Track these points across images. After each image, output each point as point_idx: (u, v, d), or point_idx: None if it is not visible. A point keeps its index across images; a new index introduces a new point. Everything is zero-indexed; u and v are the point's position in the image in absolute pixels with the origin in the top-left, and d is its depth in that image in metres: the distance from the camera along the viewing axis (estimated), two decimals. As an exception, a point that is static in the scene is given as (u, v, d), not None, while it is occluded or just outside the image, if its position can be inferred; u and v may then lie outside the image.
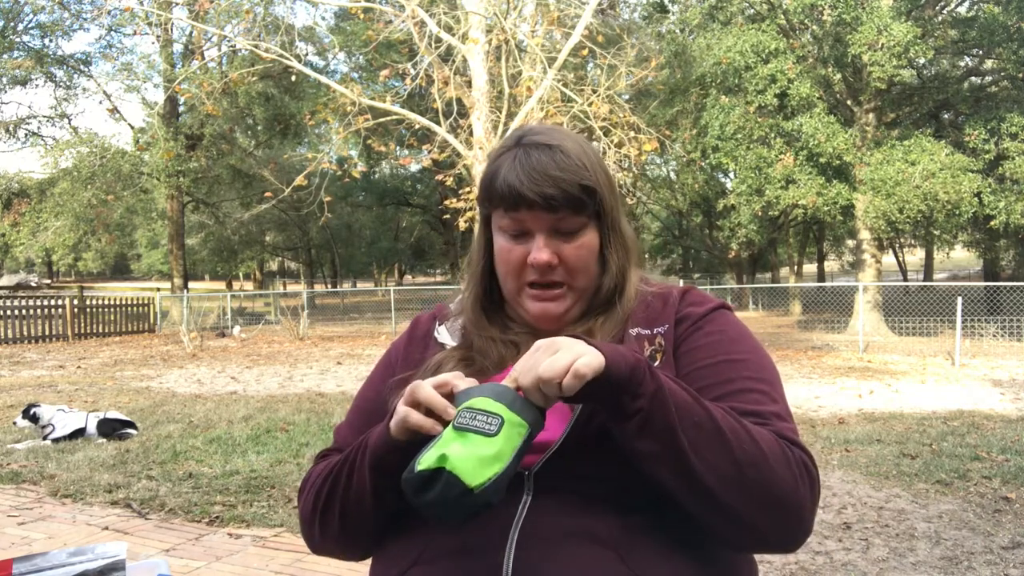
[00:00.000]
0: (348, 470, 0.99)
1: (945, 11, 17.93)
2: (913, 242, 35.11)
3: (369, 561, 1.07)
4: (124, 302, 20.08)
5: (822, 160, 15.70)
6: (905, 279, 36.91)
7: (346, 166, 16.45)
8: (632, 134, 11.03)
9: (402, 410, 0.89)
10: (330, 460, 1.06)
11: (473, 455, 0.80)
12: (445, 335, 1.14)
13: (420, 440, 0.87)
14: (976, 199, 15.02)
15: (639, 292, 1.10)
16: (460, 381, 0.89)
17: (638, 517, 0.92)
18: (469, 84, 10.90)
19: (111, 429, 5.73)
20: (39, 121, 24.26)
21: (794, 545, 0.94)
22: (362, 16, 13.24)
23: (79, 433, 5.65)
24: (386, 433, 0.93)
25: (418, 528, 0.98)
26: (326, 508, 1.02)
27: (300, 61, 11.96)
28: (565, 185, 1.00)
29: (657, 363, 1.01)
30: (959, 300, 11.79)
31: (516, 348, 1.08)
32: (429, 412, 0.88)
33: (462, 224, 11.23)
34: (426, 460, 0.81)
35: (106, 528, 3.73)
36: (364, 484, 0.96)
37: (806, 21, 16.61)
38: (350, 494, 0.98)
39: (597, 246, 1.07)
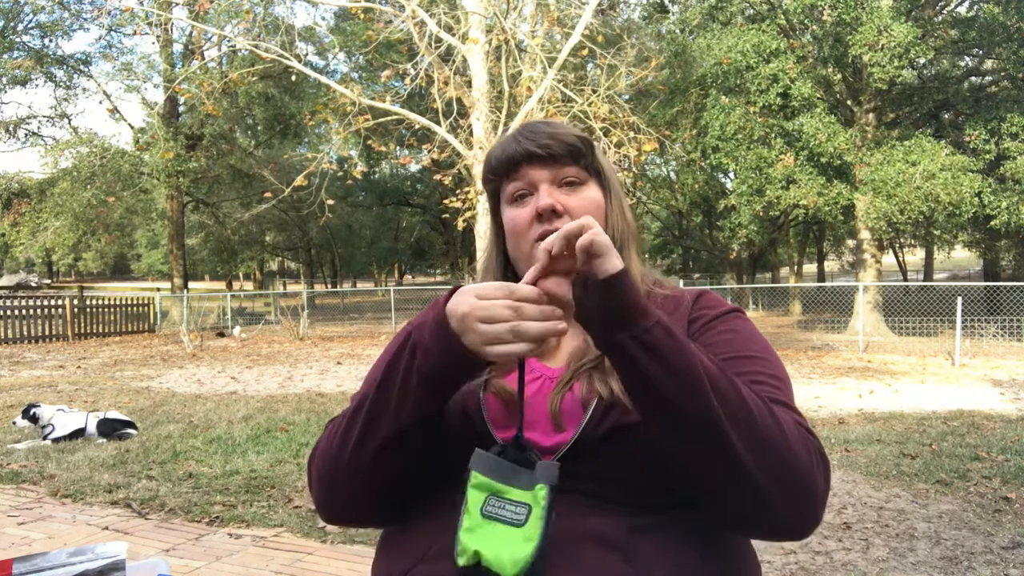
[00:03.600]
0: (396, 376, 0.92)
1: (945, 11, 17.93)
2: (913, 242, 35.11)
3: (371, 560, 1.07)
4: (124, 302, 20.08)
5: (823, 160, 15.70)
6: (905, 279, 36.92)
7: (346, 166, 16.42)
8: (632, 134, 11.02)
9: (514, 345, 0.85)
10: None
11: (505, 548, 0.83)
12: None
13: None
14: (977, 199, 15.02)
15: (652, 294, 1.09)
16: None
17: (647, 519, 0.92)
18: (469, 84, 10.89)
19: (111, 429, 5.73)
20: (39, 121, 24.30)
21: (805, 531, 0.93)
22: (362, 16, 13.22)
23: (79, 433, 5.65)
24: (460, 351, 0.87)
25: (422, 526, 0.98)
26: (365, 431, 0.95)
27: (300, 61, 11.94)
28: (560, 136, 1.05)
29: None
30: (959, 300, 11.79)
31: None
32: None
33: (460, 223, 11.22)
34: (464, 553, 0.84)
35: (106, 528, 3.73)
36: (409, 387, 0.91)
37: (806, 21, 16.61)
38: (391, 403, 0.92)
39: (602, 203, 1.08)
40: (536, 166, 1.04)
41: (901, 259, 38.27)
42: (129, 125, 24.57)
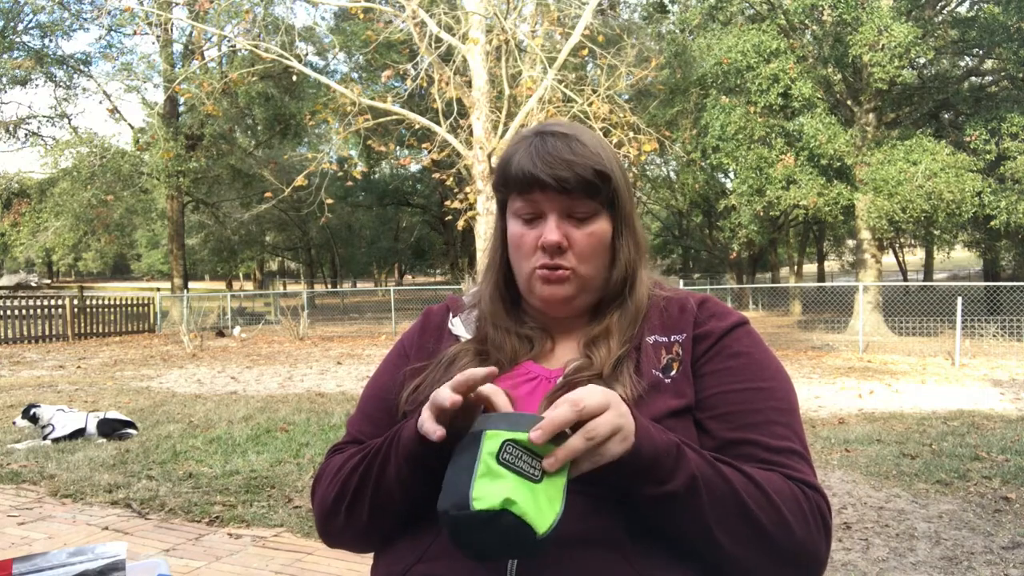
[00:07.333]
0: (381, 461, 0.97)
1: (945, 11, 17.92)
2: (913, 242, 35.13)
3: (370, 560, 1.07)
4: (124, 302, 20.08)
5: (823, 161, 15.70)
6: (905, 279, 36.92)
7: (346, 166, 16.41)
8: (632, 134, 11.01)
9: (424, 412, 0.87)
10: (348, 452, 1.05)
11: (534, 498, 0.76)
12: (460, 327, 1.13)
13: (450, 438, 0.84)
14: (977, 199, 15.03)
15: (653, 296, 1.09)
16: (480, 371, 0.86)
17: (647, 519, 0.92)
18: (469, 84, 10.89)
19: (111, 429, 5.73)
20: (39, 121, 24.29)
21: None
22: (362, 16, 13.22)
23: (79, 433, 5.65)
24: (415, 429, 0.90)
25: (422, 526, 0.98)
26: (356, 499, 1.00)
27: (300, 61, 11.95)
28: (578, 168, 1.01)
29: (674, 372, 1.01)
30: (959, 300, 11.79)
31: (530, 343, 1.07)
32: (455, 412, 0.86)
33: (462, 223, 11.22)
34: (484, 498, 0.74)
35: (106, 528, 3.73)
36: (397, 474, 0.95)
37: (806, 21, 16.60)
38: (382, 484, 0.96)
39: (609, 236, 1.06)
40: (548, 194, 1.02)
41: (901, 259, 38.28)
42: (129, 125, 24.56)
